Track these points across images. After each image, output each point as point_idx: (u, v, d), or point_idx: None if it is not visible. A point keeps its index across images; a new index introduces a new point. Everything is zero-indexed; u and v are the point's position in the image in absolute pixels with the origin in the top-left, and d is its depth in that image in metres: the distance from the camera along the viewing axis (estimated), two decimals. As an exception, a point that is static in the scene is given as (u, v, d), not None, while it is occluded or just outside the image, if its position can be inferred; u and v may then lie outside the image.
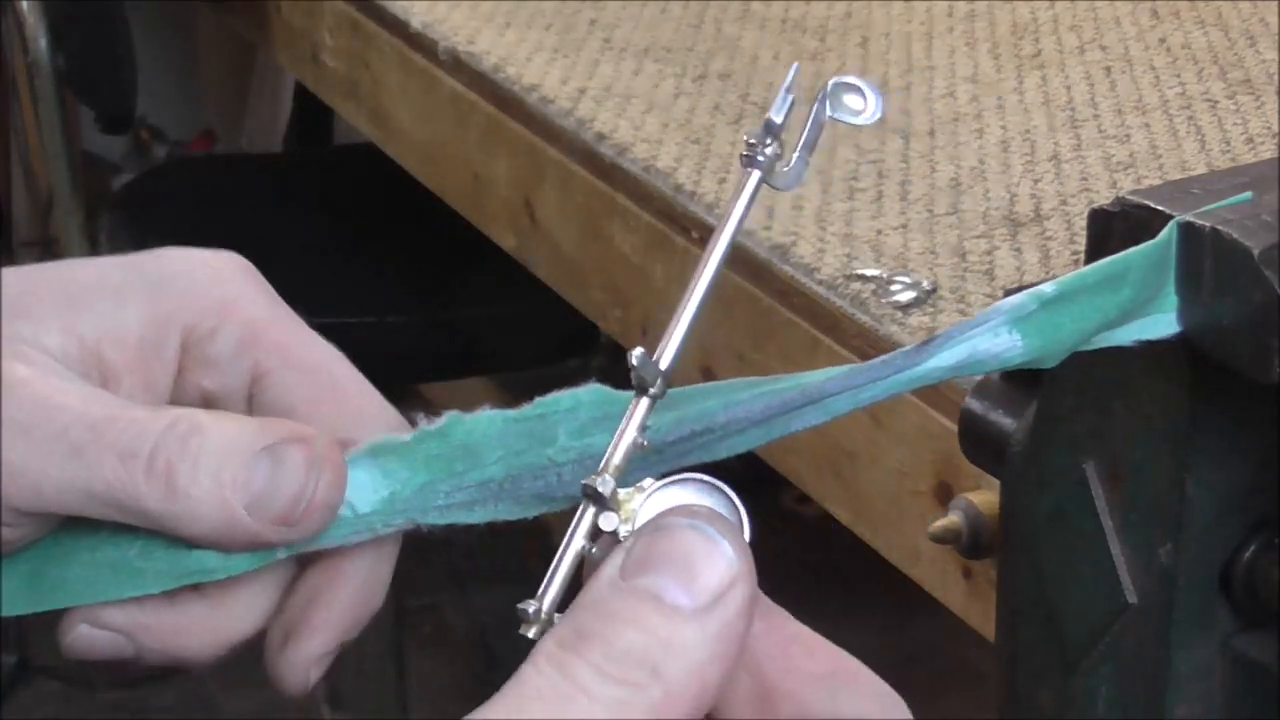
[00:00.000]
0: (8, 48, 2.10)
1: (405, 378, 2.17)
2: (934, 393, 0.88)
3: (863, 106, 0.51)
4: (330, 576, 0.52)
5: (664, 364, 0.47)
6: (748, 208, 0.49)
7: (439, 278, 1.94)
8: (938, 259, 0.98)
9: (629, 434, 0.46)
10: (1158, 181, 1.04)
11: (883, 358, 0.51)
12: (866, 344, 0.93)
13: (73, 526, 0.50)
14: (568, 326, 1.76)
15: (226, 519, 0.49)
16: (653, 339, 1.10)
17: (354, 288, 1.93)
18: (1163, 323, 0.52)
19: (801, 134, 0.51)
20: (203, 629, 0.51)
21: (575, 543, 0.45)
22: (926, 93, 1.20)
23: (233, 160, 2.66)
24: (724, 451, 0.51)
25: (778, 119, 0.49)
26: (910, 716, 0.43)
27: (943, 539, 0.71)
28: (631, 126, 1.16)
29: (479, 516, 0.51)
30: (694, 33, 1.32)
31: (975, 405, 0.64)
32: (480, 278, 1.88)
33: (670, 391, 0.48)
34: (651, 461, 0.50)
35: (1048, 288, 0.51)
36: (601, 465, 0.46)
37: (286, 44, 1.62)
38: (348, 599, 0.52)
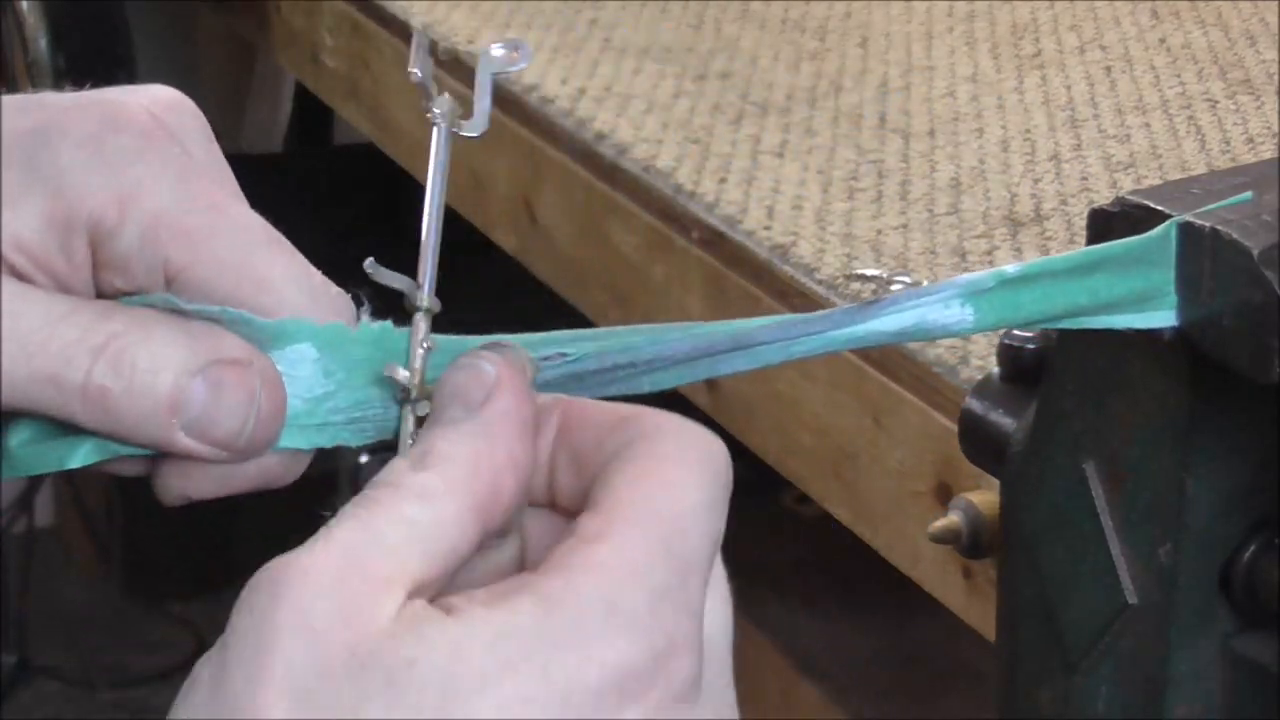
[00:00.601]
0: (8, 48, 2.10)
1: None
2: (934, 393, 0.88)
3: (516, 58, 0.55)
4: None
5: (424, 284, 0.52)
6: (444, 158, 0.55)
7: (439, 278, 1.93)
8: (938, 259, 0.98)
9: (415, 346, 0.50)
10: (1158, 181, 1.04)
11: (822, 313, 0.51)
12: (866, 344, 0.93)
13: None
14: (568, 326, 1.75)
15: (164, 439, 0.49)
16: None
17: (354, 288, 1.93)
18: (1162, 317, 0.53)
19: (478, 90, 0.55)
20: (206, 477, 0.51)
21: (403, 438, 0.49)
22: (926, 93, 1.20)
23: (232, 160, 2.65)
24: (647, 385, 0.52)
25: (417, 74, 0.54)
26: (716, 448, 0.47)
27: (943, 539, 0.71)
28: (631, 126, 1.16)
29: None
30: (694, 33, 1.32)
31: (975, 405, 0.64)
32: (480, 278, 1.88)
33: (599, 330, 0.52)
34: (571, 389, 0.51)
35: (1010, 268, 0.51)
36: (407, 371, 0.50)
37: (286, 44, 1.62)
38: (254, 472, 0.52)
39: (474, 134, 0.54)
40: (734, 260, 1.03)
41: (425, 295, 0.52)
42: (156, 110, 0.52)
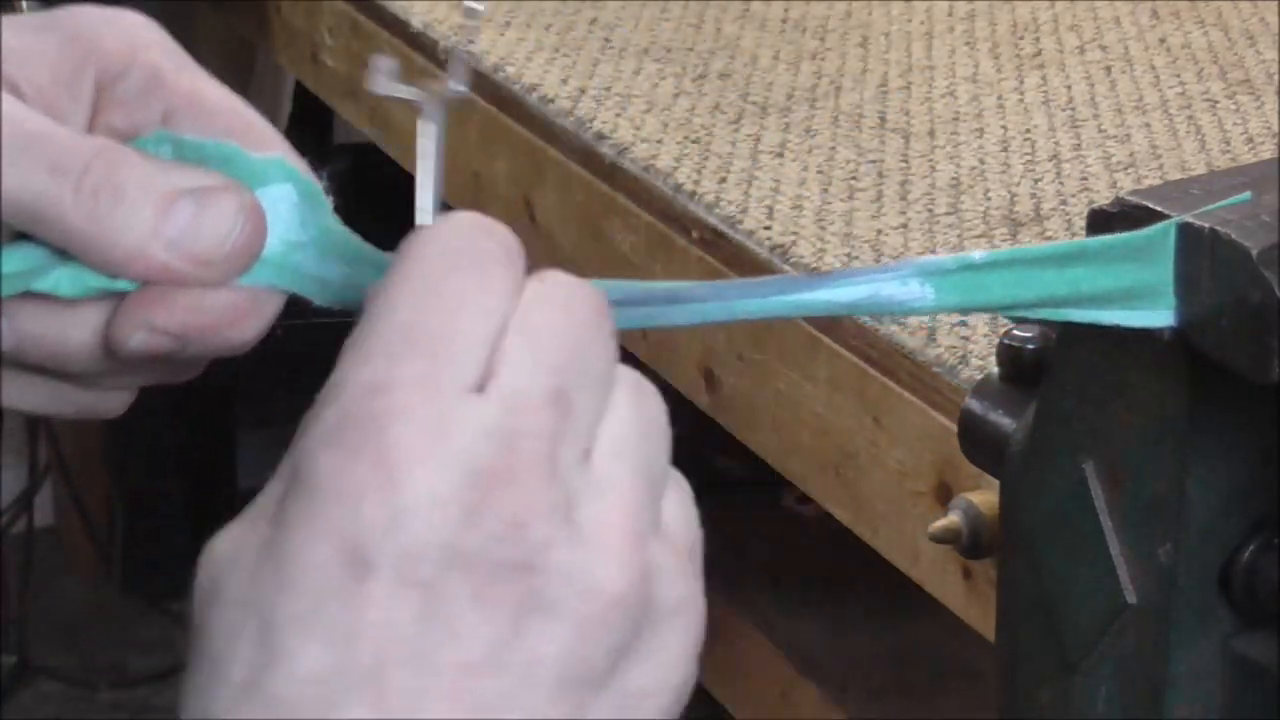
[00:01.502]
0: (8, 48, 2.09)
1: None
2: (934, 393, 0.88)
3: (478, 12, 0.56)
4: None
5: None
6: (439, 146, 0.56)
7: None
8: (938, 259, 0.98)
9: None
10: (1158, 181, 1.04)
11: (771, 277, 0.51)
12: (866, 344, 0.93)
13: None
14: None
15: (145, 252, 0.51)
16: (653, 340, 1.10)
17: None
18: (1159, 316, 0.53)
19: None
20: (172, 307, 0.52)
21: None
22: (926, 93, 1.20)
23: (233, 160, 2.64)
24: None
25: (380, 91, 0.54)
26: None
27: (943, 539, 0.71)
28: (631, 126, 1.16)
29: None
30: (694, 33, 1.32)
31: (975, 405, 0.64)
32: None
33: None
34: None
35: (977, 254, 0.51)
36: None
37: (286, 44, 1.62)
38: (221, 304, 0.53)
39: (463, 90, 0.55)
40: (734, 260, 1.03)
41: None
42: (144, 19, 0.56)
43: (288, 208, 0.53)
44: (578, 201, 1.17)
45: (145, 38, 0.55)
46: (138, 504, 2.72)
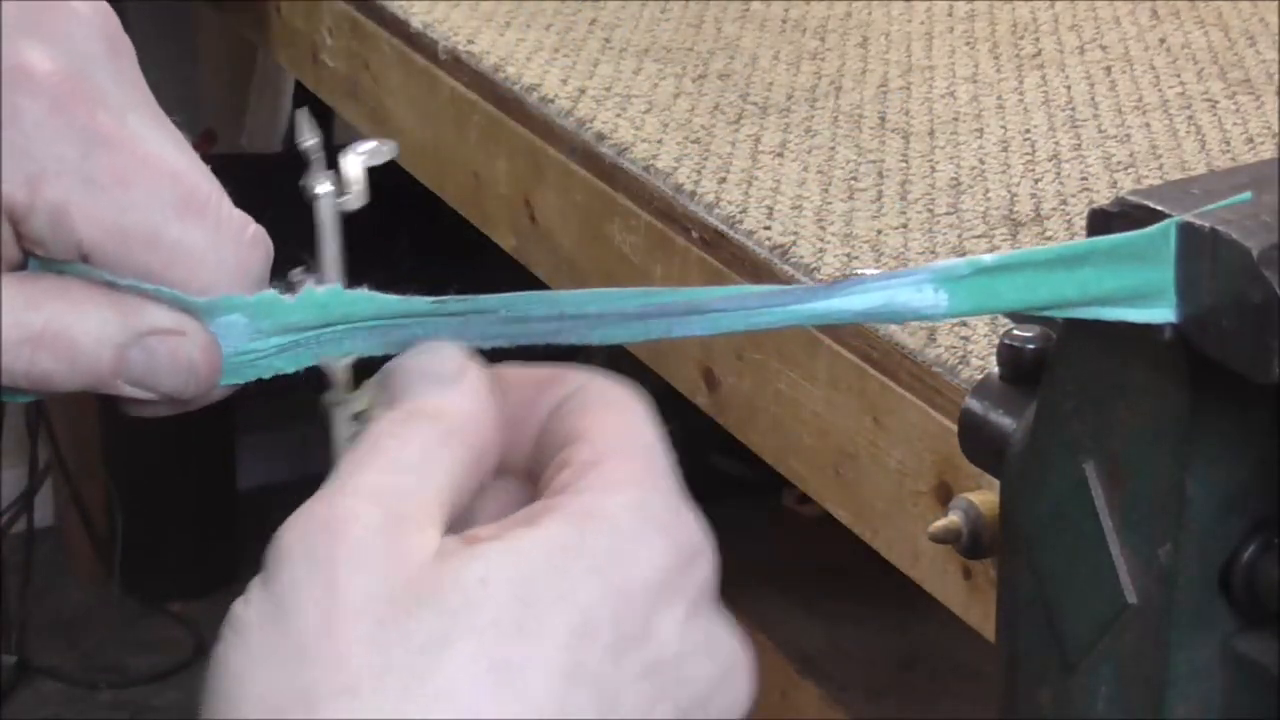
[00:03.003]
0: (8, 48, 2.09)
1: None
2: (934, 393, 0.88)
3: (373, 148, 0.59)
4: None
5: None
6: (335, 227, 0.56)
7: (439, 278, 1.94)
8: (938, 259, 0.98)
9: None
10: (1158, 181, 1.04)
11: (786, 287, 0.51)
12: (866, 344, 0.93)
13: None
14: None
15: (112, 393, 0.52)
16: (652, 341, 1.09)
17: (353, 288, 1.93)
18: (1159, 314, 0.53)
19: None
20: (156, 407, 0.53)
21: (339, 436, 0.52)
22: (926, 93, 1.20)
23: (233, 160, 2.66)
24: (596, 338, 0.52)
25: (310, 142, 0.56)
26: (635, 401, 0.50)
27: (943, 539, 0.71)
28: (631, 126, 1.16)
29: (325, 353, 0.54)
30: (694, 33, 1.32)
31: (975, 405, 0.64)
32: (480, 278, 1.88)
33: (554, 293, 0.53)
34: (514, 333, 0.53)
35: (988, 258, 0.51)
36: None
37: (286, 44, 1.62)
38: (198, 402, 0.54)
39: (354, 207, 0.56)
40: (734, 260, 1.03)
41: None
42: (64, 63, 0.51)
43: (239, 327, 0.53)
44: (578, 201, 1.17)
45: (42, 162, 0.50)
46: (138, 504, 2.72)
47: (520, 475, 0.50)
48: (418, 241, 2.32)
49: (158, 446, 2.69)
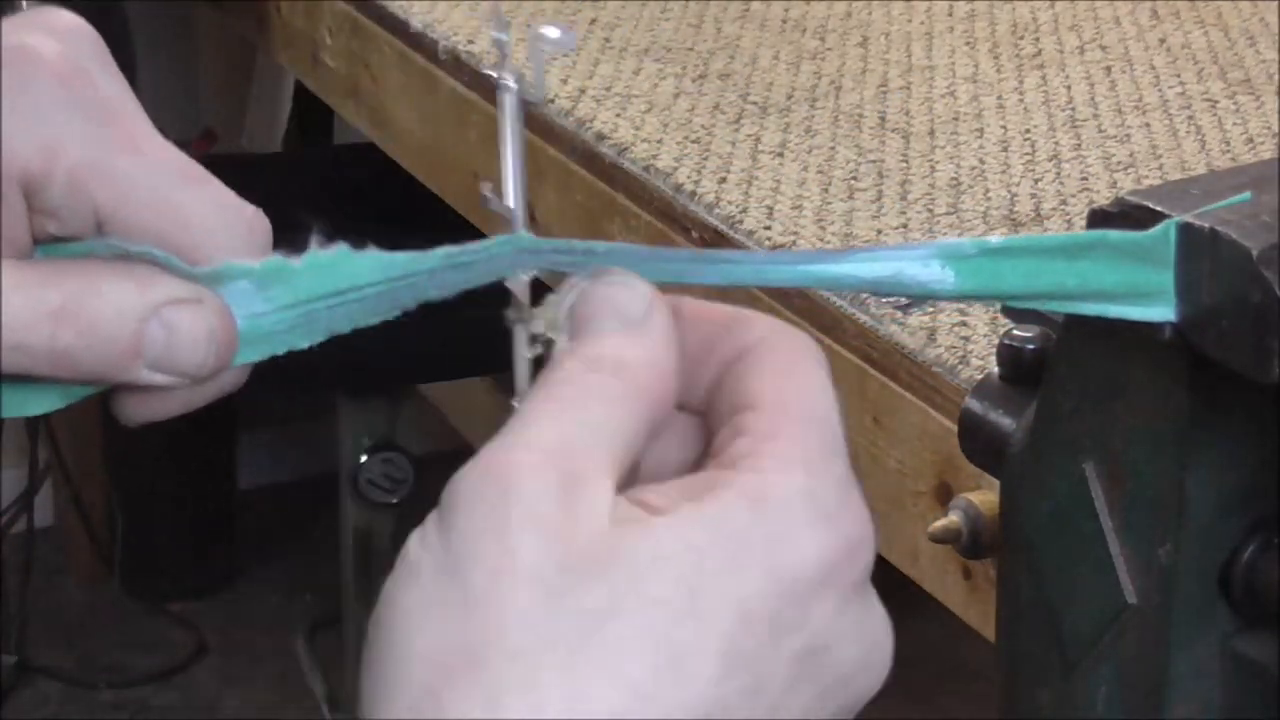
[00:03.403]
0: (8, 48, 2.09)
1: (405, 378, 2.17)
2: (934, 393, 0.88)
3: (559, 36, 0.58)
4: None
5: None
6: (519, 124, 0.56)
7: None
8: (938, 259, 0.98)
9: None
10: (1158, 181, 1.04)
11: (797, 251, 0.53)
12: (866, 344, 0.93)
13: None
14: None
15: (130, 379, 0.52)
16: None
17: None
18: (1159, 312, 0.53)
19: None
20: (168, 400, 0.53)
21: (520, 354, 0.52)
22: (926, 93, 1.20)
23: (233, 160, 2.66)
24: None
25: (504, 38, 0.57)
26: (815, 352, 0.50)
27: (943, 539, 0.71)
28: (631, 126, 1.16)
29: (351, 323, 0.53)
30: (694, 33, 1.32)
31: (975, 405, 0.64)
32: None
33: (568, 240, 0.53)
34: (525, 262, 0.53)
35: (994, 239, 0.52)
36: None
37: (286, 44, 1.62)
38: (213, 389, 0.54)
39: (537, 99, 0.57)
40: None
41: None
42: (65, 49, 0.53)
43: (248, 293, 0.53)
44: (578, 201, 1.17)
45: (60, 124, 0.52)
46: (138, 504, 2.72)
47: (691, 409, 0.51)
48: (416, 242, 2.31)
49: (158, 446, 2.69)
